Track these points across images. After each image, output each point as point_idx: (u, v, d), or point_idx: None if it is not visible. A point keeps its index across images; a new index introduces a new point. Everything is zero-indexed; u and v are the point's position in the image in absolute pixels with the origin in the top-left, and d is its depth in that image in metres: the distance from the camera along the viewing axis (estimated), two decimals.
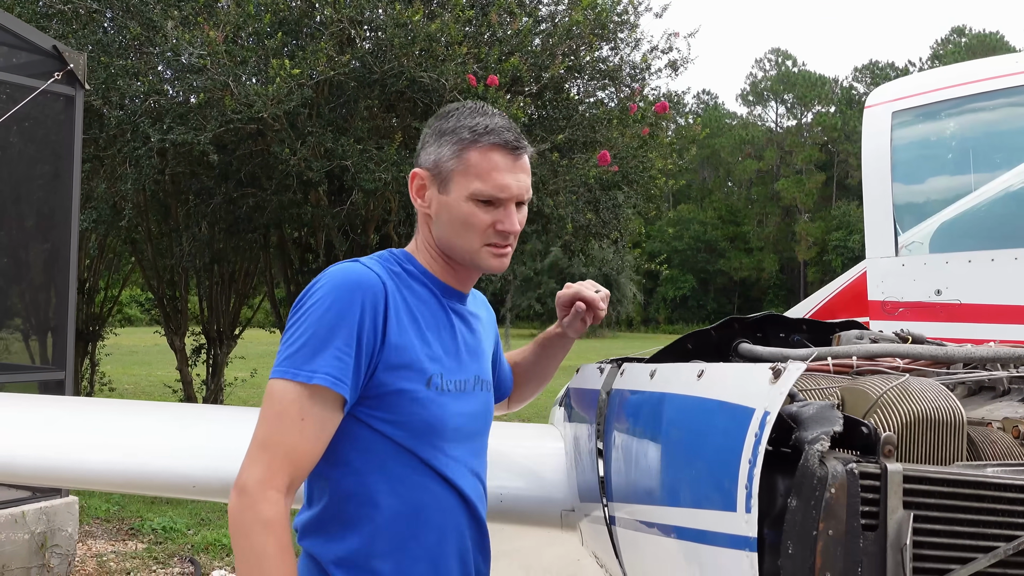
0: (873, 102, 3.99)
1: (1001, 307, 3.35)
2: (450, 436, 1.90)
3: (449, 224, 1.92)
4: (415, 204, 1.98)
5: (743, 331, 2.21)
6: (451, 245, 1.94)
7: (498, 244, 1.93)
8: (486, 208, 1.89)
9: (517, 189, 1.90)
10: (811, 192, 66.41)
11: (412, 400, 1.83)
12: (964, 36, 72.59)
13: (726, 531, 1.44)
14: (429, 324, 1.91)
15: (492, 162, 1.88)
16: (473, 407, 1.98)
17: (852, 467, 1.32)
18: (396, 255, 1.98)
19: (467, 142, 1.88)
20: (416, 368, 1.84)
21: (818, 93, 73.73)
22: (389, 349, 1.81)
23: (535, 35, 9.78)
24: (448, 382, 1.90)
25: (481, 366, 2.05)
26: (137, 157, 8.60)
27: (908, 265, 3.64)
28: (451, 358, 1.93)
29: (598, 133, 10.16)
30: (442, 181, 1.91)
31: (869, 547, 1.31)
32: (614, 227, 11.45)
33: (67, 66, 6.18)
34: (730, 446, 1.44)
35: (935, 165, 4.06)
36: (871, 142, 3.85)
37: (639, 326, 62.85)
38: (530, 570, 6.91)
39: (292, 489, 1.74)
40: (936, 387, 1.59)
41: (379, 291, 1.82)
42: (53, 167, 6.97)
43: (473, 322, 2.06)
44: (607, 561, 2.34)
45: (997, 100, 3.79)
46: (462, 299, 2.03)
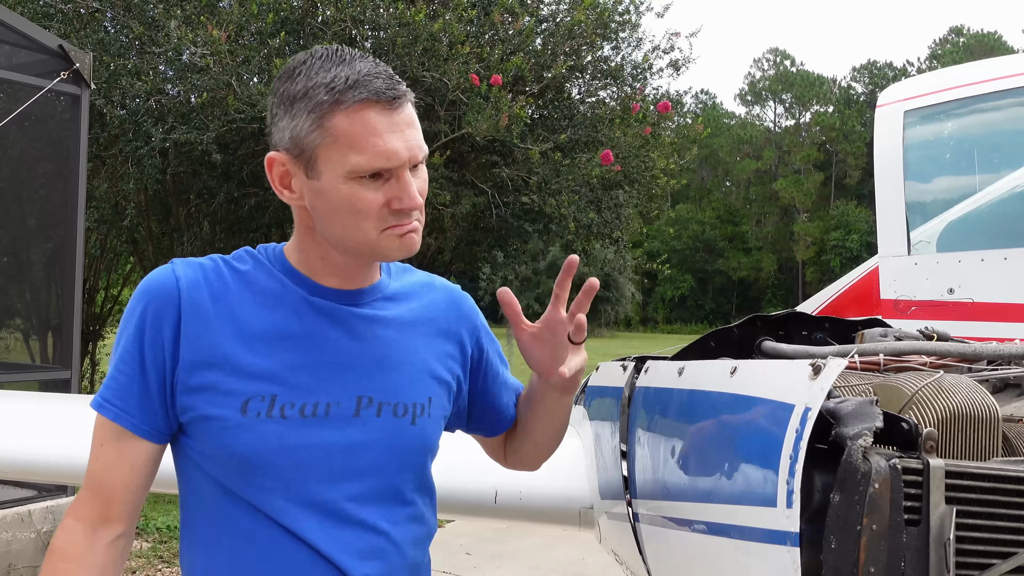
0: (885, 101, 4.00)
1: (1014, 305, 3.36)
2: (293, 475, 1.48)
3: (330, 215, 1.47)
4: (281, 197, 1.53)
5: (766, 329, 2.21)
6: (337, 239, 1.50)
7: (399, 227, 1.47)
8: (373, 184, 1.44)
9: (408, 151, 1.44)
10: (809, 192, 66.44)
11: (221, 429, 1.46)
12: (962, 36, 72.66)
13: (766, 527, 1.45)
14: (268, 331, 1.50)
15: (367, 124, 1.42)
16: (349, 436, 1.51)
17: (895, 462, 1.33)
18: (260, 249, 1.61)
19: (327, 105, 1.42)
20: (222, 389, 1.46)
21: (816, 93, 73.74)
22: (184, 367, 1.47)
23: (537, 35, 9.80)
24: (288, 404, 1.47)
25: (383, 382, 1.56)
26: (139, 157, 8.61)
27: (920, 263, 3.65)
28: (304, 373, 1.50)
29: (600, 133, 10.18)
30: (307, 162, 1.46)
31: (912, 542, 1.32)
32: (616, 227, 11.47)
33: (73, 65, 6.18)
34: (770, 442, 1.45)
35: (947, 164, 4.07)
36: (883, 141, 3.85)
37: (637, 326, 62.84)
38: (537, 569, 6.93)
39: (107, 520, 1.49)
40: (970, 383, 1.60)
41: (167, 296, 1.48)
42: (58, 166, 6.96)
43: (378, 326, 1.58)
44: (628, 559, 2.34)
45: (1010, 99, 3.80)
46: (351, 299, 1.57)
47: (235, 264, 1.56)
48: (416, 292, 1.69)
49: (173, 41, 8.42)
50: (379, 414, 1.54)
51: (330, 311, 1.55)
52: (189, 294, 1.49)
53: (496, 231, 11.06)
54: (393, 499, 1.57)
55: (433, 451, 1.65)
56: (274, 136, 1.51)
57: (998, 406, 1.57)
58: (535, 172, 9.56)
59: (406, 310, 1.64)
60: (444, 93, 8.51)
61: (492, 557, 7.15)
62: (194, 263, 1.54)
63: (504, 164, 9.63)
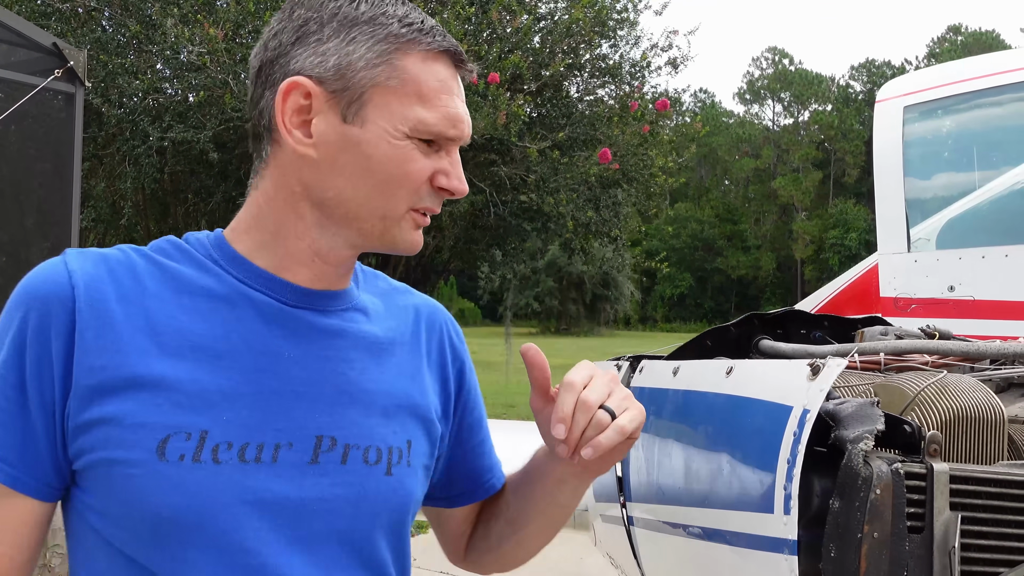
0: (884, 96, 3.96)
1: (1016, 303, 3.32)
2: (231, 543, 1.07)
3: (360, 174, 1.13)
4: (285, 139, 1.14)
5: (763, 327, 2.17)
6: (349, 209, 1.15)
7: (430, 211, 1.18)
8: (426, 150, 1.15)
9: (469, 129, 1.19)
10: (808, 190, 66.47)
11: (127, 479, 1.05)
12: (960, 35, 72.63)
13: (763, 533, 1.40)
14: (195, 346, 1.11)
15: (442, 78, 1.14)
16: (304, 489, 1.11)
17: (897, 467, 1.28)
18: (189, 238, 1.21)
19: (403, 41, 1.13)
20: (130, 423, 1.05)
21: (815, 91, 73.74)
22: (78, 395, 1.06)
23: (535, 33, 9.77)
24: (223, 444, 1.07)
25: (350, 418, 1.16)
26: (136, 156, 8.58)
27: (920, 261, 3.61)
28: (244, 403, 1.10)
29: (598, 131, 10.16)
30: (351, 102, 1.12)
31: (915, 549, 1.28)
32: (614, 225, 11.44)
33: (67, 63, 6.13)
34: (767, 445, 1.40)
35: (947, 160, 4.03)
36: (882, 137, 3.81)
37: (636, 324, 62.86)
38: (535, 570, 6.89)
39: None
40: (974, 383, 1.55)
41: (57, 299, 1.08)
42: (53, 165, 6.92)
43: (346, 345, 1.20)
44: (623, 562, 2.30)
45: (1009, 94, 3.76)
46: (317, 302, 1.19)
47: (153, 255, 1.16)
48: (391, 305, 1.30)
49: (170, 40, 8.38)
50: (344, 460, 1.14)
51: (286, 318, 1.16)
52: (88, 295, 1.08)
53: (494, 230, 11.03)
54: (369, 573, 1.18)
55: (414, 510, 1.24)
56: (301, 59, 1.13)
57: (1004, 407, 1.53)
58: (533, 170, 9.53)
59: (380, 327, 1.25)
60: None
61: None
62: (93, 254, 1.13)
63: (502, 162, 9.60)
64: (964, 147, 4.05)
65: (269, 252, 1.17)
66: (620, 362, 2.33)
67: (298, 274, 1.17)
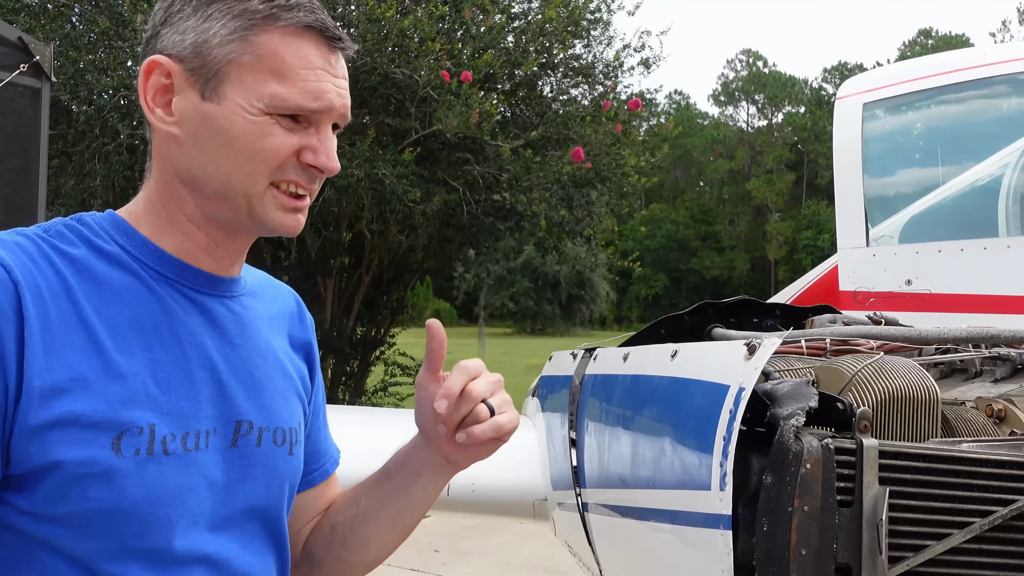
0: (844, 93, 4.01)
1: (971, 296, 3.37)
2: (175, 528, 1.10)
3: (218, 150, 1.13)
4: (149, 118, 1.16)
5: (717, 316, 2.20)
6: (215, 187, 1.15)
7: (298, 186, 1.17)
8: (287, 125, 1.14)
9: (340, 101, 1.17)
10: (782, 192, 66.95)
11: (82, 479, 1.03)
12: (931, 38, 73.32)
13: (701, 510, 1.43)
14: (128, 339, 1.10)
15: (302, 54, 1.14)
16: (229, 472, 1.16)
17: (828, 442, 1.31)
18: (85, 221, 1.16)
19: (259, 17, 1.13)
20: (88, 422, 1.04)
21: (788, 94, 74.27)
22: (31, 395, 1.02)
23: (508, 32, 9.78)
24: (168, 435, 1.09)
25: (260, 401, 1.22)
26: (106, 153, 8.52)
27: (879, 255, 3.65)
28: (180, 394, 1.12)
29: (571, 130, 10.18)
30: (208, 79, 1.13)
31: (844, 523, 1.31)
32: (587, 224, 11.48)
33: (33, 58, 6.08)
34: (705, 424, 1.43)
35: (906, 156, 4.09)
36: (842, 133, 3.86)
37: (612, 324, 63.02)
38: (506, 566, 6.91)
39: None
40: (910, 365, 1.59)
41: (4, 299, 1.03)
42: (21, 161, 6.86)
43: (249, 330, 1.24)
44: (580, 549, 2.33)
45: (967, 92, 3.82)
46: (222, 288, 1.22)
47: (59, 244, 1.12)
48: (266, 291, 1.33)
49: (140, 36, 8.33)
50: (259, 443, 1.20)
51: (202, 306, 1.18)
52: (28, 288, 1.04)
53: (468, 229, 11.03)
54: (274, 545, 1.24)
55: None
56: (166, 39, 1.15)
57: (938, 388, 1.56)
58: (506, 169, 9.54)
59: (267, 313, 1.29)
60: (414, 90, 8.48)
61: (461, 554, 7.12)
62: (10, 243, 1.08)
63: (475, 161, 9.60)
64: (922, 143, 4.11)
65: (170, 237, 1.17)
66: (576, 352, 2.36)
67: (203, 261, 1.19)
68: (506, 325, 55.05)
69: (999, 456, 1.38)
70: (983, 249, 3.39)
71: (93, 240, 1.14)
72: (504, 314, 52.98)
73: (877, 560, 1.28)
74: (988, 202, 3.63)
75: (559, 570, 6.72)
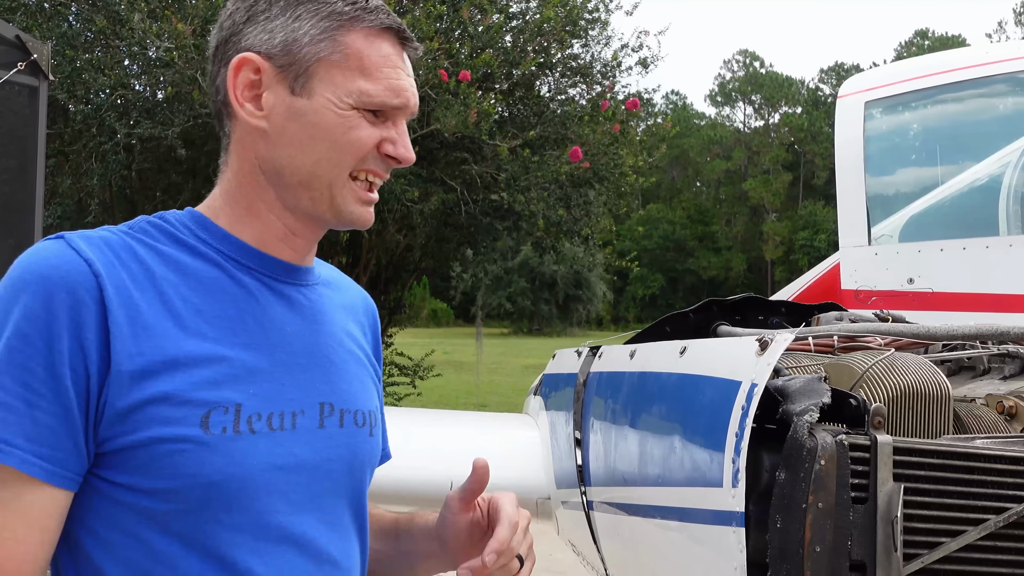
0: (846, 92, 4.00)
1: (973, 295, 3.37)
2: (266, 505, 1.16)
3: (307, 142, 1.21)
4: (238, 112, 1.22)
5: (722, 313, 2.19)
6: (300, 177, 1.22)
7: (375, 175, 1.25)
8: (371, 120, 1.23)
9: (414, 100, 1.26)
10: (778, 192, 66.97)
11: (175, 454, 1.10)
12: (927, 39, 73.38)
13: (712, 507, 1.42)
14: (214, 325, 1.17)
15: (384, 53, 1.22)
16: (317, 452, 1.22)
17: (842, 438, 1.30)
18: (167, 218, 1.23)
19: (346, 18, 1.21)
20: (178, 401, 1.11)
21: (785, 94, 74.32)
22: (118, 381, 1.09)
23: (506, 31, 9.77)
24: (254, 415, 1.16)
25: (340, 385, 1.28)
26: (103, 152, 8.49)
27: (881, 254, 3.65)
28: (264, 376, 1.19)
29: (569, 130, 10.17)
30: (298, 75, 1.21)
31: (859, 519, 1.29)
32: (585, 224, 11.47)
33: (31, 56, 6.05)
34: (716, 420, 1.42)
35: (907, 154, 4.08)
36: (844, 132, 3.86)
37: (609, 325, 63.03)
38: None
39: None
40: (921, 361, 1.58)
41: (79, 284, 1.09)
42: (18, 160, 6.83)
43: (326, 316, 1.31)
44: (583, 548, 2.31)
45: (968, 90, 3.82)
46: (298, 276, 1.28)
47: (144, 239, 1.19)
48: (340, 284, 1.40)
49: (137, 35, 8.30)
50: (342, 424, 1.26)
51: (281, 294, 1.24)
52: (110, 280, 1.11)
53: (465, 228, 11.02)
54: (357, 528, 1.31)
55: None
56: (251, 36, 1.22)
57: (950, 384, 1.55)
58: (504, 169, 9.53)
59: (340, 303, 1.36)
60: None
61: None
62: (95, 239, 1.15)
63: (473, 161, 9.59)
64: (924, 142, 4.11)
65: (249, 227, 1.24)
66: (580, 350, 2.34)
67: (281, 251, 1.25)
68: (503, 325, 55.04)
69: (1013, 452, 1.37)
70: (985, 248, 3.39)
71: (175, 234, 1.21)
72: (501, 314, 52.96)
73: (892, 557, 1.27)
74: (990, 201, 3.62)
75: (558, 570, 6.69)
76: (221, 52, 1.24)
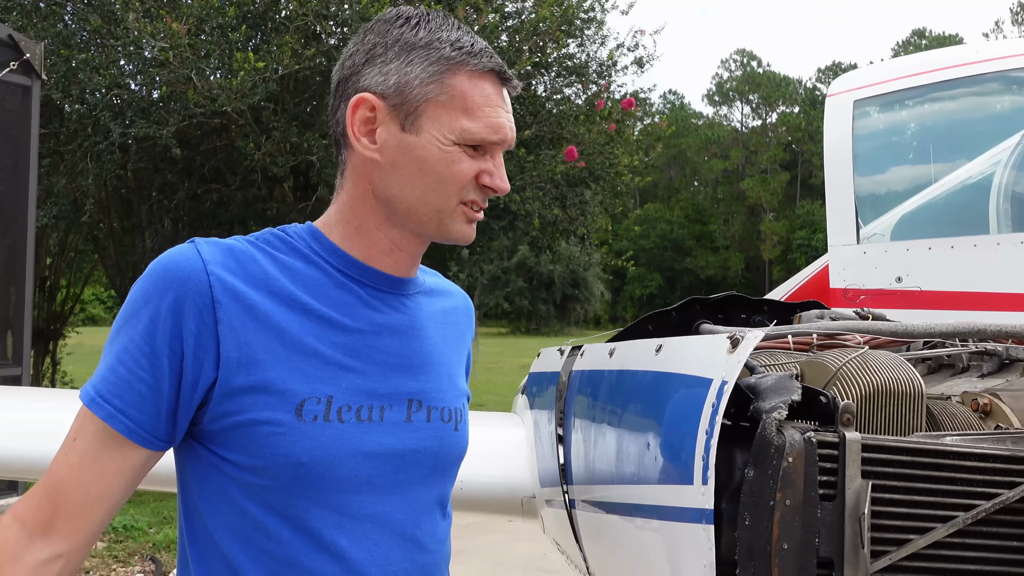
0: (835, 91, 4.01)
1: (961, 293, 3.37)
2: (351, 486, 1.33)
3: (415, 175, 1.36)
4: (355, 145, 1.39)
5: (705, 312, 2.19)
6: (410, 204, 1.38)
7: (476, 204, 1.40)
8: (472, 154, 1.38)
9: (511, 134, 1.40)
10: (776, 191, 66.99)
11: (272, 436, 1.29)
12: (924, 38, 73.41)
13: (683, 505, 1.42)
14: (316, 324, 1.35)
15: (486, 93, 1.37)
16: (403, 443, 1.39)
17: (810, 436, 1.30)
18: (288, 231, 1.43)
19: (453, 63, 1.35)
20: (276, 389, 1.29)
21: (782, 94, 74.38)
22: (226, 366, 1.28)
23: (502, 31, 9.76)
24: (344, 407, 1.33)
25: (429, 384, 1.45)
26: (98, 152, 8.48)
27: (869, 253, 3.65)
28: (356, 373, 1.36)
29: (565, 129, 10.17)
30: (408, 114, 1.36)
31: (827, 517, 1.29)
32: (581, 223, 11.47)
33: (23, 56, 6.06)
34: (688, 418, 1.42)
35: (896, 153, 4.08)
36: (833, 130, 3.86)
37: (606, 324, 63.04)
38: (499, 565, 6.90)
39: (49, 532, 1.29)
40: (895, 359, 1.58)
41: (194, 282, 1.28)
42: (12, 160, 6.83)
43: (421, 322, 1.48)
44: (568, 547, 2.31)
45: (957, 89, 3.82)
46: (399, 287, 1.45)
47: (265, 247, 1.38)
48: (441, 290, 1.58)
49: (132, 34, 8.29)
50: (429, 419, 1.43)
51: (381, 300, 1.41)
52: (221, 280, 1.29)
53: None
54: (440, 514, 1.47)
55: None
56: (369, 77, 1.38)
57: (923, 382, 1.55)
58: None
59: (439, 308, 1.53)
60: None
61: (454, 553, 7.05)
62: (220, 243, 1.35)
63: None
64: (912, 141, 4.11)
65: (357, 243, 1.41)
66: (564, 348, 2.35)
67: (384, 263, 1.42)
68: (501, 325, 55.05)
69: (982, 449, 1.37)
70: (973, 246, 3.39)
71: (293, 244, 1.40)
72: (499, 314, 52.95)
73: (860, 554, 1.27)
74: (978, 200, 3.63)
75: (552, 569, 6.71)
76: (341, 89, 1.41)
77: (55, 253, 13.07)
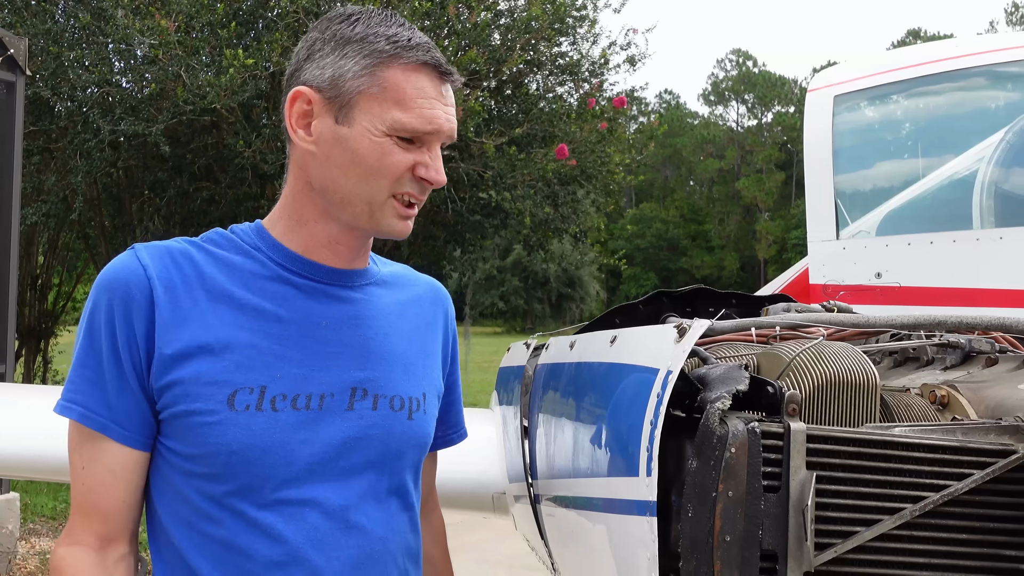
0: (815, 86, 3.99)
1: (940, 289, 3.35)
2: (287, 472, 1.37)
3: (348, 166, 1.39)
4: (292, 137, 1.43)
5: (672, 304, 2.18)
6: (343, 195, 1.41)
7: (412, 197, 1.42)
8: (405, 146, 1.39)
9: (448, 125, 1.41)
10: (771, 191, 66.99)
11: (204, 425, 1.34)
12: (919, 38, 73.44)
13: (630, 497, 1.40)
14: (250, 317, 1.39)
15: (419, 86, 1.39)
16: (343, 431, 1.41)
17: (754, 426, 1.27)
18: (235, 229, 1.49)
19: (386, 56, 1.38)
20: (204, 381, 1.35)
21: (778, 93, 74.37)
22: (161, 361, 1.35)
23: (494, 29, 9.74)
24: (278, 396, 1.37)
25: (377, 372, 1.46)
26: (88, 150, 8.45)
27: (849, 248, 3.63)
28: (293, 363, 1.39)
29: (556, 128, 10.15)
30: (341, 106, 1.39)
31: (771, 508, 1.27)
32: (573, 222, 11.46)
33: (7, 51, 6.03)
34: (635, 409, 1.40)
35: (877, 149, 4.06)
36: (812, 126, 3.84)
37: None
38: (485, 562, 6.88)
39: (111, 541, 1.39)
40: (851, 350, 1.56)
41: (135, 286, 1.36)
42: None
43: (370, 313, 1.49)
44: (535, 543, 2.30)
45: (939, 84, 3.80)
46: (341, 279, 1.48)
47: (205, 245, 1.44)
48: (402, 281, 1.60)
49: (122, 31, 8.26)
50: (375, 407, 1.45)
51: (319, 292, 1.45)
52: (160, 281, 1.37)
53: (453, 226, 11.00)
54: (397, 503, 1.48)
55: (427, 450, 1.56)
56: (306, 72, 1.43)
57: (877, 372, 1.53)
58: (491, 167, 9.50)
59: (395, 299, 1.55)
60: None
61: None
62: (158, 247, 1.41)
63: (460, 159, 9.56)
64: (893, 136, 4.09)
65: (297, 236, 1.45)
66: (531, 342, 2.33)
67: (322, 255, 1.46)
68: (496, 324, 55.01)
69: (930, 440, 1.35)
70: (952, 242, 3.38)
71: (236, 241, 1.46)
72: (494, 313, 52.91)
73: (804, 546, 1.25)
74: (958, 196, 3.62)
75: (537, 567, 6.69)
76: (286, 85, 1.46)
77: (46, 251, 13.03)
